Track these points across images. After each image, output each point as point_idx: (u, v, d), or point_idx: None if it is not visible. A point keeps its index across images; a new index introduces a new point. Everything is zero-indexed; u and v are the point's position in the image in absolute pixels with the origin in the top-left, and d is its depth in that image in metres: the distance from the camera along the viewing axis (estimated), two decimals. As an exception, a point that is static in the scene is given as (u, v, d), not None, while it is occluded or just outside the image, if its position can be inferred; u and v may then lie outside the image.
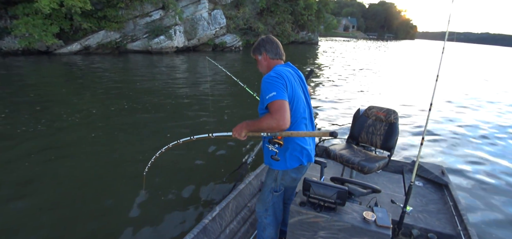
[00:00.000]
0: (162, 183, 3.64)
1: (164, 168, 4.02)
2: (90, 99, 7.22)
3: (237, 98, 7.95)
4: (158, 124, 5.75)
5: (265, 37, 1.94)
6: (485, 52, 64.56)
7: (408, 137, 5.76)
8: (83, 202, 3.21)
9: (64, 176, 3.70)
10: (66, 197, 3.30)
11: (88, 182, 3.61)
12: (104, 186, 3.57)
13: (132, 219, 2.96)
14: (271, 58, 1.90)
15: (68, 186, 3.49)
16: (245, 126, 1.74)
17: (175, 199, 3.33)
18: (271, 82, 1.66)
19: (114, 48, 16.80)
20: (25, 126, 5.15)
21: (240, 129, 1.75)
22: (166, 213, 3.05)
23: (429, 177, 3.27)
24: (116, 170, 3.94)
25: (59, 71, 11.01)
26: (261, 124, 1.65)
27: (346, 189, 1.79)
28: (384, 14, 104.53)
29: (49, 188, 3.43)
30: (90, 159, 4.19)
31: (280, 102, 1.59)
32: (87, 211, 3.06)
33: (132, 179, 3.65)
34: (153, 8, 17.38)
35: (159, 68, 12.79)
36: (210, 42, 21.09)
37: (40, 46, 14.09)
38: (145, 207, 3.16)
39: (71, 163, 4.04)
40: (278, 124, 1.58)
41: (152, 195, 3.37)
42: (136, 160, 4.16)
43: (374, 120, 2.96)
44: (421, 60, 26.04)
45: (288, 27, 29.64)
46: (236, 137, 1.78)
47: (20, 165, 3.86)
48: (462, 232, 2.36)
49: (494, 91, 12.17)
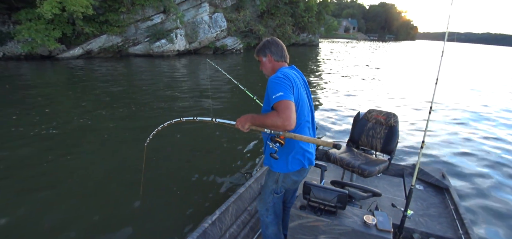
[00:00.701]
0: (161, 187, 3.64)
1: (163, 171, 4.04)
2: (94, 102, 7.25)
3: (238, 102, 7.98)
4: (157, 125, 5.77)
5: (270, 39, 1.93)
6: (486, 52, 64.35)
7: (408, 140, 5.74)
8: (82, 204, 3.23)
9: (63, 176, 3.75)
10: (65, 197, 3.33)
11: (88, 184, 3.64)
12: (104, 189, 3.58)
13: (131, 223, 2.96)
14: (276, 60, 1.90)
15: (68, 186, 3.54)
16: (250, 118, 1.71)
17: (174, 203, 3.32)
18: (278, 82, 1.65)
19: (115, 52, 16.87)
20: (37, 127, 5.23)
21: (245, 121, 1.72)
22: (166, 217, 3.05)
23: (429, 181, 3.26)
24: (116, 174, 3.96)
25: (63, 75, 11.07)
26: (267, 119, 1.62)
27: (346, 192, 1.79)
28: (384, 15, 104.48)
29: (59, 186, 3.50)
30: (91, 161, 4.22)
31: (287, 102, 1.57)
32: (85, 214, 3.07)
33: (132, 183, 3.66)
34: (154, 12, 17.46)
35: (160, 71, 12.84)
36: (211, 45, 21.14)
37: (43, 51, 14.17)
38: (145, 211, 3.15)
39: (72, 164, 4.09)
40: (284, 123, 1.55)
41: (151, 199, 3.36)
42: (135, 166, 4.17)
43: (374, 123, 2.96)
44: (422, 62, 25.95)
45: (289, 29, 29.67)
46: (238, 128, 1.75)
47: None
48: (463, 236, 2.35)
49: (496, 93, 12.11)
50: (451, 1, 2.30)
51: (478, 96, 11.15)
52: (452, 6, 2.31)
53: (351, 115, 7.12)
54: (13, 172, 3.85)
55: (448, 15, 2.30)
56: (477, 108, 8.96)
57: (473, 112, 8.48)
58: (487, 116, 8.08)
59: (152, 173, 3.94)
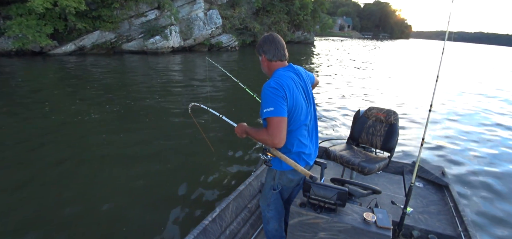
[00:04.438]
0: (161, 184, 3.63)
1: (163, 169, 4.02)
2: (87, 99, 7.13)
3: (236, 99, 7.92)
4: (157, 125, 5.72)
5: (266, 36, 1.85)
6: (480, 51, 65.24)
7: (408, 137, 5.74)
8: (82, 201, 3.19)
9: (62, 176, 3.67)
10: (64, 197, 3.26)
11: (89, 182, 3.60)
12: (103, 186, 3.54)
13: (131, 220, 2.94)
14: (269, 60, 1.83)
15: (67, 186, 3.47)
16: (246, 129, 1.86)
17: (174, 200, 3.31)
18: (270, 95, 1.64)
19: (109, 48, 16.66)
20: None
21: (241, 130, 1.89)
22: (166, 214, 3.03)
23: (429, 178, 3.27)
24: (115, 171, 3.91)
25: (55, 72, 10.87)
26: (258, 136, 1.73)
27: (346, 190, 1.79)
28: (379, 13, 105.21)
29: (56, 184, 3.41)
30: (92, 159, 4.18)
31: (277, 120, 1.61)
32: (85, 211, 3.04)
33: (132, 180, 3.64)
34: (148, 8, 17.27)
35: (155, 68, 12.70)
36: (206, 42, 21.01)
37: (34, 47, 13.91)
38: (144, 208, 3.14)
39: (72, 164, 4.02)
40: (273, 142, 1.63)
41: (151, 196, 3.36)
42: (133, 162, 4.14)
43: (374, 121, 2.95)
44: (419, 60, 26.21)
45: (284, 27, 29.62)
46: (237, 133, 1.93)
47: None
48: (462, 233, 2.35)
49: (494, 91, 12.23)
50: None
51: (478, 94, 11.25)
52: (452, 4, 2.31)
53: (350, 113, 7.13)
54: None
55: (449, 14, 2.29)
56: (476, 106, 9.04)
57: (473, 110, 8.54)
58: (487, 114, 8.14)
59: (150, 171, 3.91)
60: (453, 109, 8.50)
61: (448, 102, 9.33)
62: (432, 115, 2.32)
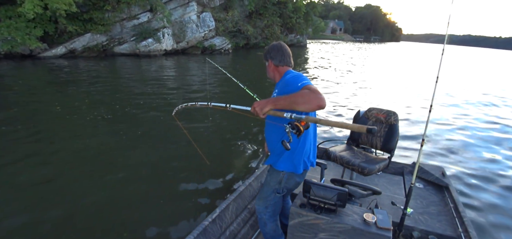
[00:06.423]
0: (161, 185, 3.60)
1: (163, 169, 4.00)
2: (78, 102, 6.99)
3: (236, 100, 7.86)
4: (157, 126, 5.65)
5: (273, 44, 1.95)
6: (469, 53, 66.53)
7: (408, 138, 5.75)
8: (80, 203, 3.16)
9: (59, 175, 3.59)
10: (64, 196, 3.24)
11: (85, 182, 3.56)
12: (102, 187, 3.50)
13: (130, 220, 2.92)
14: (276, 65, 1.92)
15: (66, 186, 3.44)
16: (272, 101, 1.54)
17: (174, 201, 3.29)
18: (298, 75, 1.76)
19: (100, 51, 16.42)
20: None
21: (265, 104, 1.54)
22: (166, 215, 3.01)
23: (429, 179, 3.27)
24: (115, 172, 3.85)
25: (45, 76, 10.63)
26: (297, 96, 1.47)
27: (346, 190, 1.79)
28: (370, 17, 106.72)
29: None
30: (89, 161, 4.13)
31: (314, 86, 1.58)
32: (82, 211, 3.02)
33: (132, 182, 3.61)
34: (140, 10, 17.11)
35: (148, 72, 12.56)
36: (199, 45, 20.93)
37: (23, 50, 13.58)
38: (144, 209, 3.12)
39: (72, 164, 3.98)
40: (318, 97, 1.44)
41: (151, 196, 3.33)
42: (133, 164, 4.09)
43: (374, 122, 2.95)
44: (414, 62, 26.62)
45: (277, 30, 29.76)
46: (255, 112, 1.57)
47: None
48: (462, 234, 2.35)
49: (494, 91, 12.42)
50: (451, 0, 2.31)
51: (477, 94, 11.42)
52: (452, 4, 2.33)
53: (350, 114, 7.14)
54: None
55: (448, 15, 2.32)
56: (476, 106, 9.15)
57: (473, 110, 8.64)
58: (487, 114, 8.24)
59: (149, 172, 3.87)
60: (454, 109, 8.56)
61: (449, 102, 9.41)
62: (432, 116, 2.32)
